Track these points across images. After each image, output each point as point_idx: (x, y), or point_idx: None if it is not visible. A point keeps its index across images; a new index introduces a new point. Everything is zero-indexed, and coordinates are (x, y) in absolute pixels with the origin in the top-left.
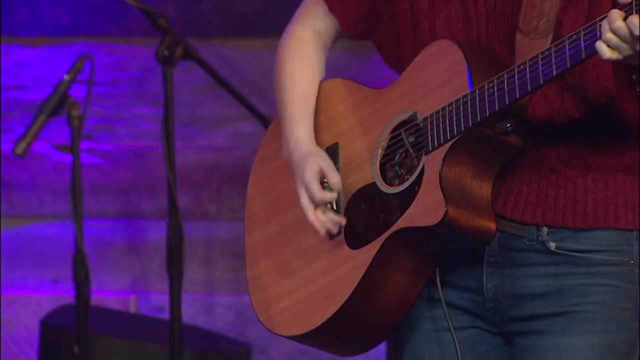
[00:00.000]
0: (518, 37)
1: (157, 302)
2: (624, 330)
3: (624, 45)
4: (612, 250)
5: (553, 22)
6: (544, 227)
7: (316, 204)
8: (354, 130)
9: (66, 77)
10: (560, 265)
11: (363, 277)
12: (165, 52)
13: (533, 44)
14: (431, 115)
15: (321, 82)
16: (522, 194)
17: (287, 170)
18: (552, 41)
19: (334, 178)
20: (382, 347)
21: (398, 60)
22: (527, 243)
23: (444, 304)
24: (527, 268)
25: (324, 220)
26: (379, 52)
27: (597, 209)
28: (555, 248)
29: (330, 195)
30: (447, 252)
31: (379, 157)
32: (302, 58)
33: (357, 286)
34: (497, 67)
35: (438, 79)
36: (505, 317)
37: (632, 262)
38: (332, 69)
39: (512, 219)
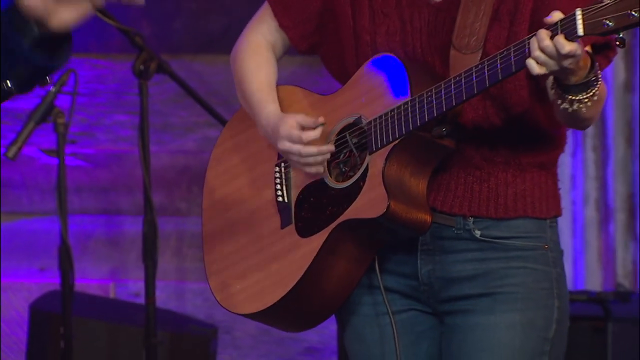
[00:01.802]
0: (452, 52)
1: (134, 288)
2: (541, 308)
3: (551, 62)
4: (528, 237)
5: (482, 39)
6: (470, 218)
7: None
8: None
9: (52, 89)
10: (485, 251)
11: (311, 263)
12: (141, 67)
13: (465, 58)
14: (375, 120)
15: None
16: (451, 188)
17: (240, 167)
18: (481, 56)
19: (309, 121)
20: (333, 326)
21: (343, 72)
22: (455, 232)
23: (382, 291)
24: (455, 254)
25: (320, 149)
26: (325, 66)
27: (516, 201)
28: (480, 236)
29: (314, 133)
30: (386, 241)
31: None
32: (261, 57)
33: (305, 271)
34: (432, 78)
35: (380, 87)
36: (437, 299)
37: (547, 247)
38: (290, 81)
39: (442, 210)
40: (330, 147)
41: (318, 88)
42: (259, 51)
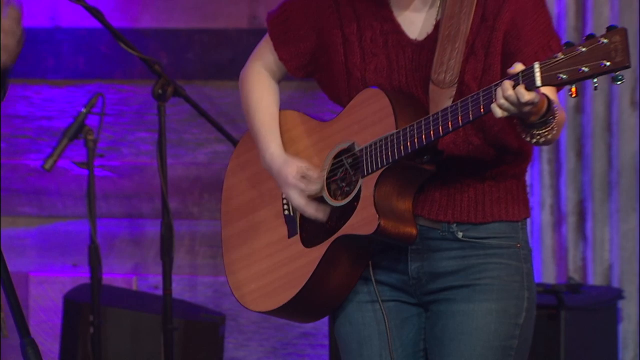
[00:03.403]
0: (431, 86)
1: (153, 282)
2: (514, 298)
3: (512, 108)
4: (503, 237)
5: (457, 74)
6: (454, 223)
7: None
8: (304, 153)
9: (83, 110)
10: (466, 250)
11: (314, 270)
12: (160, 91)
13: (442, 92)
14: (366, 147)
15: (280, 110)
16: (436, 199)
17: (251, 180)
18: (457, 88)
19: (315, 173)
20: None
21: (336, 99)
22: (440, 234)
23: (374, 283)
24: (441, 252)
25: (321, 209)
26: (321, 89)
27: (492, 207)
28: (462, 237)
29: (318, 187)
30: (379, 250)
31: (324, 176)
32: (265, 88)
33: (310, 277)
34: (416, 109)
35: (370, 118)
36: (424, 291)
37: (519, 245)
38: (287, 104)
39: (429, 218)
40: (327, 212)
41: (311, 109)
42: (262, 80)
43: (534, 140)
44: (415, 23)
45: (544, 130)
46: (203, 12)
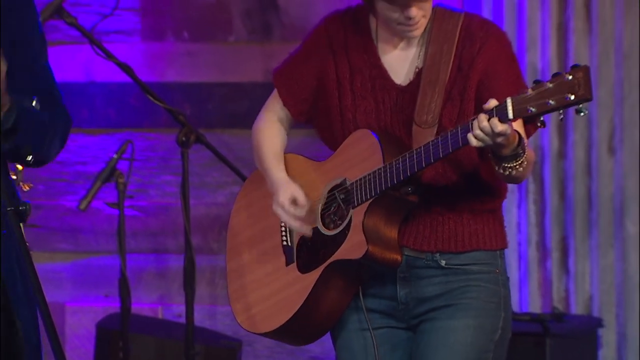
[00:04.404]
0: (414, 127)
1: (177, 311)
2: (491, 317)
3: (486, 138)
4: (483, 264)
5: (437, 116)
6: (437, 252)
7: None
8: (304, 189)
9: (115, 156)
10: (449, 275)
11: (309, 293)
12: (183, 138)
13: (424, 132)
14: (356, 181)
15: (284, 154)
16: (420, 230)
17: (254, 218)
18: (437, 129)
19: (301, 198)
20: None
21: (332, 140)
22: (425, 262)
23: (365, 312)
24: (426, 279)
25: (302, 221)
26: (318, 134)
27: (471, 238)
28: (445, 264)
29: (300, 211)
30: (368, 276)
31: (319, 209)
32: (273, 130)
33: (305, 300)
34: (400, 147)
35: (360, 155)
36: (411, 315)
37: (497, 271)
38: (298, 148)
39: (414, 248)
40: (309, 232)
41: (320, 153)
42: (270, 125)
43: (507, 172)
44: (399, 70)
45: (515, 164)
46: (222, 68)
